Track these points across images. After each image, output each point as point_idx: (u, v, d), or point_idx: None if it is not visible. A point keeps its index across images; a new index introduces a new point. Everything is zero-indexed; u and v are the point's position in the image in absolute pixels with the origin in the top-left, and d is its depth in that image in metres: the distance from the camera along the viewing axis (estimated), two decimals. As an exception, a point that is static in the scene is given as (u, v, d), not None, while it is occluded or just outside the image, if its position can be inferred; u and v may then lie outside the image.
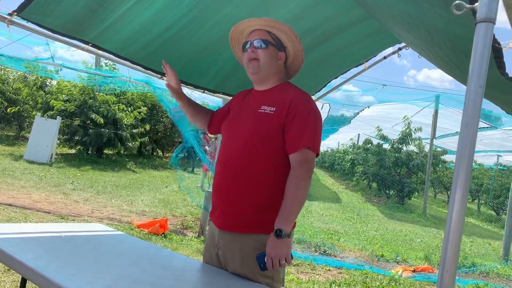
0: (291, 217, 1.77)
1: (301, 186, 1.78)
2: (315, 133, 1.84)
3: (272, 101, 1.89)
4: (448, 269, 0.92)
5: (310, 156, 1.82)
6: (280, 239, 1.73)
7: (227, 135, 2.01)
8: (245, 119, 1.93)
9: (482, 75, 0.93)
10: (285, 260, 1.74)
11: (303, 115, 1.83)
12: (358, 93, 10.49)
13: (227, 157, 1.94)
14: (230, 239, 1.89)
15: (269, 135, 1.84)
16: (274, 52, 1.92)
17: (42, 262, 1.71)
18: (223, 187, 1.92)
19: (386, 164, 15.24)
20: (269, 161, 1.84)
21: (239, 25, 1.97)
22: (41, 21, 2.33)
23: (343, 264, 5.64)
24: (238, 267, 1.86)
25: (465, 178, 0.93)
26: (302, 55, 2.00)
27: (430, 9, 1.22)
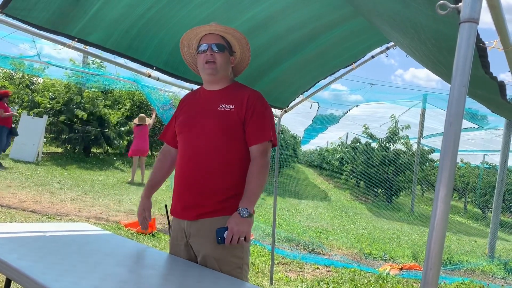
0: (254, 199, 1.98)
1: (263, 173, 2.01)
2: (273, 127, 2.11)
3: (229, 100, 2.08)
4: (432, 266, 0.93)
5: (269, 148, 2.09)
6: (244, 218, 1.92)
7: (186, 134, 2.12)
8: (205, 117, 2.08)
9: (466, 74, 0.94)
10: (244, 238, 1.93)
11: (260, 110, 2.07)
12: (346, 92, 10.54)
13: (191, 153, 2.07)
14: (201, 226, 2.03)
15: (231, 130, 2.03)
16: (227, 57, 2.12)
17: (27, 263, 1.69)
18: (191, 181, 2.05)
19: (374, 163, 15.35)
20: (233, 153, 2.04)
21: (194, 29, 2.12)
22: (25, 16, 2.29)
23: (331, 262, 5.67)
24: (210, 250, 1.99)
25: (448, 176, 0.94)
26: (248, 60, 2.23)
27: (416, 7, 1.23)
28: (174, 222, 2.18)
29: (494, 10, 1.13)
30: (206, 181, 2.02)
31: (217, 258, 1.98)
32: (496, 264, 6.99)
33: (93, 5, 2.39)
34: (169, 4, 2.56)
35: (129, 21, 2.64)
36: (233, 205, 2.00)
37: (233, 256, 2.00)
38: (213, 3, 2.58)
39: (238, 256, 2.02)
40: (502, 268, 6.79)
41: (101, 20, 2.55)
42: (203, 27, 2.10)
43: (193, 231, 2.05)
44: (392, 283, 5.01)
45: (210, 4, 2.59)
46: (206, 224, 2.02)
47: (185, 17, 2.71)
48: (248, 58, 2.22)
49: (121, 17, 2.58)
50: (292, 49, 3.25)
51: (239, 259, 2.02)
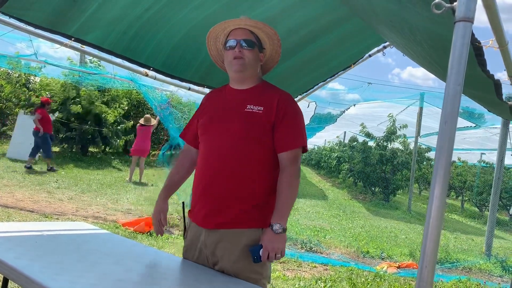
0: (287, 213, 1.85)
1: (294, 184, 1.87)
2: (302, 132, 1.94)
3: (258, 101, 1.92)
4: (427, 264, 0.94)
5: (299, 154, 1.92)
6: (277, 234, 1.80)
7: (209, 136, 1.98)
8: (230, 118, 1.93)
9: (461, 74, 0.95)
10: (280, 253, 1.82)
11: (292, 114, 1.91)
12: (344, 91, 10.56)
13: (213, 157, 1.93)
14: (220, 237, 1.90)
15: (259, 134, 1.88)
16: (257, 53, 1.97)
17: (24, 262, 1.69)
18: (212, 187, 1.91)
19: (372, 162, 15.37)
20: (258, 159, 1.89)
21: (222, 23, 1.97)
22: (22, 15, 2.29)
23: (329, 261, 5.68)
24: (228, 263, 1.87)
25: (444, 174, 0.95)
26: (278, 57, 2.06)
27: (411, 8, 1.24)
28: (192, 227, 2.05)
29: (489, 9, 1.14)
30: (227, 188, 1.88)
31: (235, 272, 1.87)
32: (493, 262, 7.02)
33: (90, 6, 2.39)
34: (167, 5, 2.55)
35: (126, 22, 2.64)
36: (256, 217, 1.87)
37: (252, 271, 1.87)
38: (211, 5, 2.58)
39: (257, 271, 1.89)
40: (499, 266, 6.82)
41: (99, 21, 2.55)
42: (232, 21, 1.95)
43: (211, 241, 1.92)
44: (390, 281, 5.03)
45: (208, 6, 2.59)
46: (226, 235, 1.89)
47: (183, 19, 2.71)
48: (279, 55, 2.05)
49: (118, 17, 2.57)
50: (291, 51, 3.25)
51: (257, 274, 1.89)
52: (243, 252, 1.86)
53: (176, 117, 7.43)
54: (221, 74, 3.77)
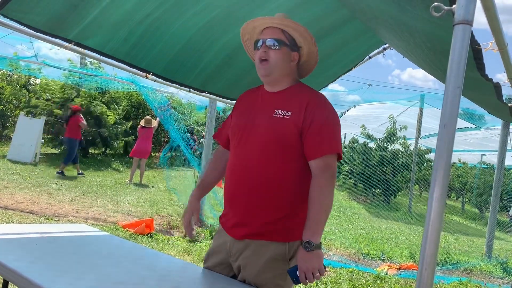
0: (319, 228, 1.72)
1: (325, 194, 1.73)
2: (334, 137, 1.79)
3: (287, 105, 1.81)
4: (427, 266, 0.94)
5: (331, 161, 1.77)
6: (310, 252, 1.67)
7: (237, 141, 1.90)
8: (258, 124, 1.84)
9: (460, 76, 0.95)
10: (318, 272, 1.69)
11: (320, 119, 1.77)
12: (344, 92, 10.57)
13: (242, 164, 1.86)
14: (245, 247, 1.84)
15: (286, 141, 1.78)
16: (286, 53, 1.84)
17: (24, 264, 1.69)
18: (238, 196, 1.86)
19: (372, 163, 15.37)
20: (287, 167, 1.79)
21: (253, 21, 1.89)
22: (22, 18, 2.29)
23: (329, 263, 5.67)
24: (251, 275, 1.82)
25: (443, 177, 0.95)
26: (316, 57, 1.93)
27: (411, 11, 1.24)
28: (221, 232, 1.98)
29: (488, 11, 1.14)
30: (252, 197, 1.80)
31: (256, 284, 1.80)
32: (493, 264, 7.01)
33: (91, 12, 2.39)
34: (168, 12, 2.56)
35: (127, 28, 2.64)
36: (283, 228, 1.78)
37: (274, 284, 1.80)
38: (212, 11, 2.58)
39: (279, 285, 1.80)
40: (500, 268, 6.81)
41: (99, 27, 2.55)
42: (259, 19, 1.86)
43: (235, 250, 1.86)
44: (390, 283, 5.02)
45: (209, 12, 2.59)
46: (250, 246, 1.82)
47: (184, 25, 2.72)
48: (316, 54, 1.91)
49: (119, 23, 2.58)
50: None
51: (278, 287, 1.81)
52: (266, 265, 1.80)
53: (176, 119, 7.44)
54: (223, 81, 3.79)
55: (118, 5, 2.38)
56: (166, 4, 2.52)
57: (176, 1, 2.52)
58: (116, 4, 2.37)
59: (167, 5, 2.54)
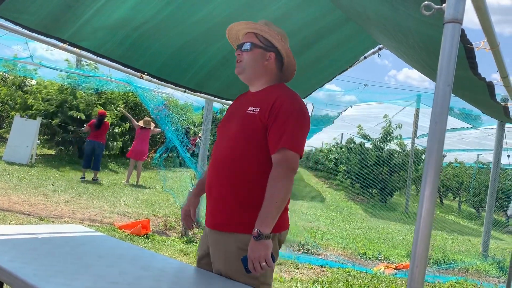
0: (268, 219, 1.75)
1: (277, 186, 1.77)
2: (294, 133, 1.82)
3: (259, 102, 1.90)
4: (418, 264, 0.94)
5: (289, 156, 1.80)
6: (258, 241, 1.73)
7: (218, 137, 2.05)
8: (233, 121, 1.97)
9: (450, 74, 0.95)
10: (265, 262, 1.73)
11: (284, 115, 1.82)
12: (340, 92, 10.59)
13: (215, 157, 1.99)
14: (216, 238, 1.93)
15: (253, 135, 1.86)
16: (259, 53, 1.95)
17: (18, 264, 1.68)
18: (212, 187, 1.97)
19: (369, 163, 15.39)
20: (252, 161, 1.87)
21: (232, 27, 2.03)
22: (17, 18, 2.29)
23: (326, 263, 5.68)
24: (222, 266, 1.88)
25: (434, 175, 0.96)
26: (291, 55, 1.99)
27: (404, 11, 1.24)
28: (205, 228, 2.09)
29: (479, 11, 1.15)
30: (222, 190, 1.91)
31: (229, 275, 1.85)
32: (490, 263, 7.03)
33: (85, 13, 2.39)
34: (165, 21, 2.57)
35: (123, 33, 2.65)
36: (249, 221, 1.82)
37: (246, 276, 1.81)
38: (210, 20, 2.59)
39: (253, 277, 1.82)
40: (496, 267, 6.84)
41: (94, 30, 2.55)
42: (238, 24, 2.00)
43: (210, 241, 1.97)
44: (387, 282, 5.03)
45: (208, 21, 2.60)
46: (220, 237, 1.90)
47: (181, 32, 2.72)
48: (290, 52, 1.98)
49: (114, 28, 2.58)
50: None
51: (254, 280, 1.83)
52: (235, 256, 1.83)
53: (172, 119, 7.43)
54: (219, 82, 3.79)
55: (113, 9, 2.38)
56: (164, 12, 2.53)
57: (173, 10, 2.52)
58: (110, 8, 2.37)
59: (165, 14, 2.54)
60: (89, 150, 10.16)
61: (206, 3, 2.50)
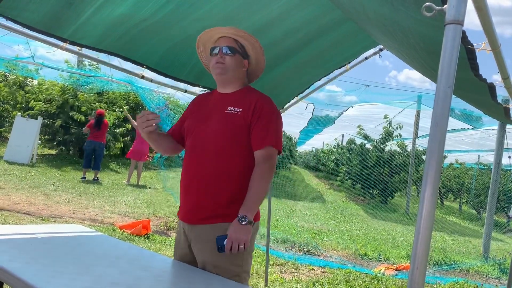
0: (255, 206, 1.93)
1: (265, 179, 1.96)
2: (278, 132, 2.04)
3: (238, 103, 2.05)
4: (418, 265, 0.94)
5: (273, 153, 2.01)
6: (242, 225, 1.87)
7: (192, 136, 2.10)
8: (211, 120, 2.06)
9: (451, 76, 0.96)
10: (243, 245, 1.87)
11: (267, 115, 2.02)
12: (341, 93, 10.57)
13: (194, 156, 2.05)
14: (200, 232, 2.01)
15: (236, 134, 1.99)
16: (239, 59, 2.09)
17: (19, 264, 1.68)
18: (193, 185, 2.03)
19: (370, 164, 15.39)
20: (236, 158, 2.00)
21: (209, 31, 2.11)
22: (17, 16, 2.29)
23: (326, 263, 5.68)
24: (208, 257, 1.97)
25: (434, 176, 0.95)
26: (263, 65, 2.20)
27: (404, 11, 1.24)
28: (179, 225, 2.19)
29: (480, 11, 1.14)
30: (207, 185, 1.99)
31: (215, 265, 1.96)
32: (490, 264, 7.03)
33: (86, 10, 2.39)
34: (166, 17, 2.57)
35: (123, 29, 2.65)
36: (234, 212, 1.94)
37: (232, 264, 1.96)
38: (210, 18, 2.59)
39: (237, 264, 1.98)
40: (497, 268, 6.83)
41: (95, 26, 2.55)
42: (215, 29, 2.09)
43: (193, 236, 2.04)
44: (387, 283, 5.03)
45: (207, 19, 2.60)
46: (205, 230, 1.99)
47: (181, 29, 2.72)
48: (263, 62, 2.19)
49: (115, 24, 2.58)
50: (287, 54, 3.27)
51: (237, 267, 1.98)
52: None
53: (174, 119, 7.43)
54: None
55: (113, 7, 2.38)
56: (164, 11, 2.53)
57: (173, 9, 2.53)
58: (110, 5, 2.37)
59: (165, 12, 2.55)
60: (89, 150, 10.16)
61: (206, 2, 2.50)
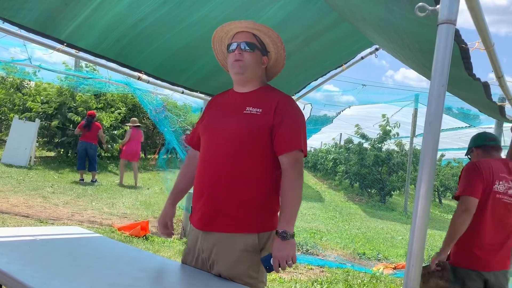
0: (293, 218, 1.81)
1: (297, 187, 1.84)
2: (303, 135, 1.91)
3: (258, 103, 1.90)
4: (414, 263, 0.95)
5: (299, 157, 1.88)
6: (285, 241, 1.76)
7: (207, 137, 1.97)
8: (228, 120, 1.92)
9: (444, 75, 0.96)
10: (291, 260, 1.78)
11: (292, 117, 1.88)
12: (338, 93, 10.59)
13: (211, 158, 1.92)
14: (216, 240, 1.88)
15: (256, 135, 1.85)
16: (259, 56, 1.94)
17: (17, 266, 1.68)
18: (209, 189, 1.90)
19: (367, 163, 15.40)
20: (255, 160, 1.86)
21: (225, 25, 1.96)
22: (13, 17, 2.29)
23: (325, 263, 5.68)
24: (224, 268, 1.85)
25: (429, 174, 0.96)
26: (283, 61, 2.04)
27: (398, 12, 1.25)
28: (191, 230, 2.04)
29: (473, 11, 1.15)
30: (224, 190, 1.86)
31: (231, 277, 1.85)
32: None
33: (82, 11, 2.39)
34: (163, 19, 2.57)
35: (120, 31, 2.65)
36: (253, 220, 1.84)
37: (248, 276, 1.85)
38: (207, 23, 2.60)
39: (252, 276, 1.86)
40: None
41: (91, 28, 2.56)
42: (233, 23, 1.94)
43: (207, 244, 1.91)
44: (386, 282, 5.04)
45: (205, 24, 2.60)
46: (221, 239, 1.87)
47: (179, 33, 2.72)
48: (283, 58, 2.03)
49: (112, 26, 2.58)
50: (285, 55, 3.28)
51: (253, 279, 1.87)
52: (238, 257, 1.84)
53: (171, 121, 7.43)
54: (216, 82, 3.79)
55: (109, 7, 2.39)
56: (161, 11, 2.53)
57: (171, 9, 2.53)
58: (107, 6, 2.37)
59: (162, 12, 2.54)
60: (81, 151, 10.11)
61: (204, 4, 2.50)
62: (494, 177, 2.64)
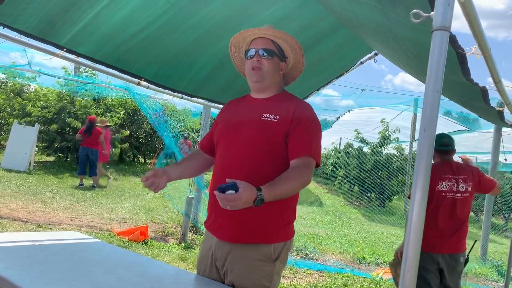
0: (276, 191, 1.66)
1: (299, 179, 1.75)
2: (318, 142, 1.87)
3: (275, 110, 1.88)
4: (409, 268, 0.95)
5: (310, 163, 1.81)
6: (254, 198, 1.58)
7: (224, 143, 1.94)
8: (245, 127, 1.89)
9: (439, 81, 0.97)
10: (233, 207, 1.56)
11: (306, 123, 1.85)
12: (338, 97, 10.62)
13: (226, 165, 1.90)
14: (231, 250, 1.86)
15: (273, 143, 1.83)
16: (277, 63, 1.93)
17: (15, 272, 1.69)
18: None
19: (367, 168, 15.40)
20: (272, 168, 1.81)
21: (243, 32, 1.96)
22: (13, 22, 2.31)
23: (324, 268, 5.68)
24: (238, 277, 1.83)
25: (424, 180, 0.97)
26: (302, 66, 2.02)
27: (395, 18, 1.26)
28: (206, 237, 2.02)
29: (469, 16, 1.16)
30: None
31: (244, 286, 1.82)
32: (488, 267, 7.03)
33: (82, 18, 2.41)
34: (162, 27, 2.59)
35: (120, 39, 2.67)
36: (267, 230, 1.81)
37: (260, 286, 1.82)
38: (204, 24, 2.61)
39: (265, 286, 1.83)
40: (495, 271, 6.84)
41: (91, 34, 2.58)
42: (251, 30, 1.92)
43: (221, 253, 1.88)
44: (385, 287, 5.03)
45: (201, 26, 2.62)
46: (236, 249, 1.84)
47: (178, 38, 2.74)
48: (302, 64, 2.00)
49: (111, 34, 2.60)
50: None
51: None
52: (252, 267, 1.82)
53: (171, 125, 7.44)
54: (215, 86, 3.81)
55: (110, 15, 2.40)
56: (162, 19, 2.55)
57: (171, 17, 2.55)
58: (107, 14, 2.39)
59: (163, 20, 2.56)
60: (82, 157, 10.14)
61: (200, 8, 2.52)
62: (437, 179, 3.26)
